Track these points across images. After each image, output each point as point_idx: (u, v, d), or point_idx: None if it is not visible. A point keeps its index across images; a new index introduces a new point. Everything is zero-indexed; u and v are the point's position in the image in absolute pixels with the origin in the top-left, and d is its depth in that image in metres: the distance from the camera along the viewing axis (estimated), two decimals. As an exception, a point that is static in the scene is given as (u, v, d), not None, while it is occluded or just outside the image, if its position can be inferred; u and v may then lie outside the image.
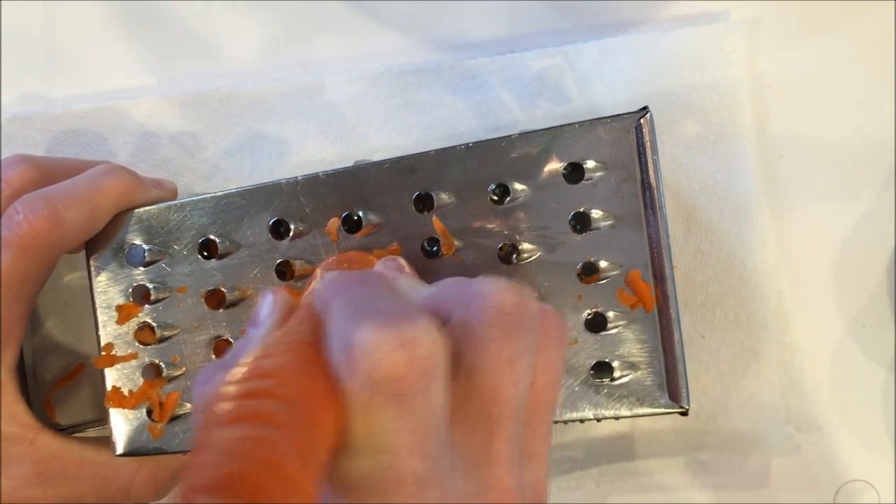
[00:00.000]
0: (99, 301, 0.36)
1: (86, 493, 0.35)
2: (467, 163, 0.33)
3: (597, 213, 0.32)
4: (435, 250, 0.33)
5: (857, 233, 0.41)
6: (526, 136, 0.32)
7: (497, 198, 0.33)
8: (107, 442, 0.36)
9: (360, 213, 0.34)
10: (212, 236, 0.35)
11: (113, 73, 0.44)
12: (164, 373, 0.35)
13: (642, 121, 0.31)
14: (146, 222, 0.36)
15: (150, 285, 0.36)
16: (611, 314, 0.32)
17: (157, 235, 0.36)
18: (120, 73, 0.44)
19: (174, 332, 0.36)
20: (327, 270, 0.31)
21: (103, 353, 0.36)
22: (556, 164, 0.32)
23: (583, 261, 0.32)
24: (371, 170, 0.34)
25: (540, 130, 0.32)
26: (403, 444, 0.21)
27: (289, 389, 0.20)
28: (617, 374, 0.32)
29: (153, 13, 0.44)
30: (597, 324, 0.32)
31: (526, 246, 0.33)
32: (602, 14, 0.42)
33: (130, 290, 0.36)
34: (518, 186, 0.32)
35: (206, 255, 0.35)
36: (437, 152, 0.33)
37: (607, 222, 0.32)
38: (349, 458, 0.21)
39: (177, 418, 0.35)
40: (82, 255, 0.36)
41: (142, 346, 0.36)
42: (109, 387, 0.36)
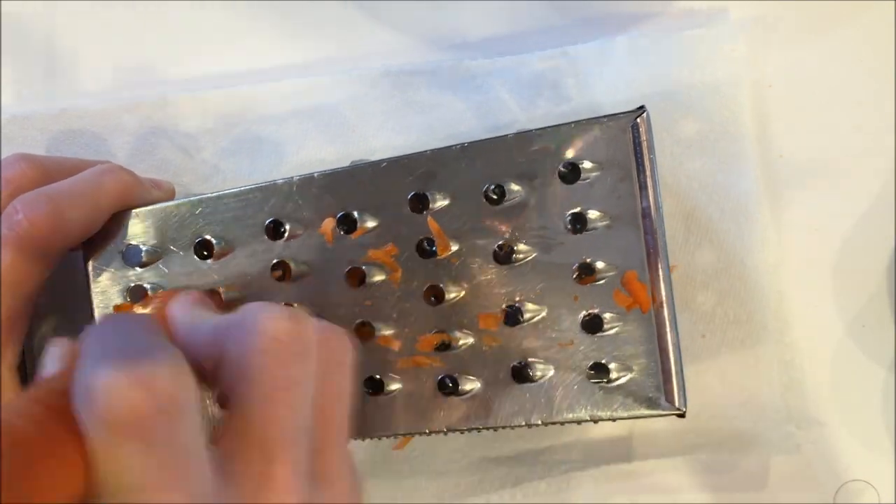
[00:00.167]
0: (97, 301, 0.36)
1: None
2: (463, 163, 0.33)
3: (593, 214, 0.32)
4: (431, 251, 0.33)
5: (857, 233, 0.40)
6: (522, 136, 0.32)
7: (493, 198, 0.33)
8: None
9: (356, 213, 0.34)
10: (209, 237, 0.35)
11: (112, 73, 0.44)
12: None
13: (639, 120, 0.31)
14: (144, 222, 0.36)
15: (148, 285, 0.36)
16: (607, 315, 0.32)
17: (155, 236, 0.36)
18: (119, 74, 0.44)
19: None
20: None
21: None
22: (552, 163, 0.32)
23: (579, 261, 0.32)
24: (367, 170, 0.34)
25: (536, 130, 0.32)
26: (152, 482, 0.20)
27: (20, 441, 0.20)
28: (613, 375, 0.32)
29: (153, 13, 0.44)
30: (593, 325, 0.32)
31: (522, 246, 0.32)
32: (602, 14, 0.42)
33: (128, 290, 0.36)
34: (514, 186, 0.32)
35: (203, 255, 0.35)
36: (433, 152, 0.33)
37: (604, 223, 0.32)
38: (100, 501, 0.20)
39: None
40: (81, 253, 0.36)
41: None
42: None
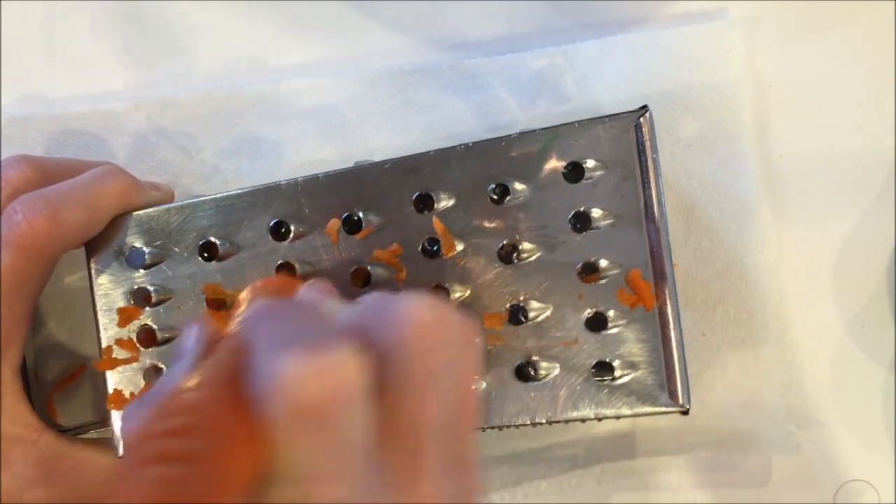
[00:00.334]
0: (100, 304, 0.36)
1: (89, 494, 0.35)
2: (467, 163, 0.33)
3: (597, 213, 0.32)
4: (435, 250, 0.33)
5: (857, 233, 0.41)
6: (526, 136, 0.32)
7: (497, 197, 0.33)
8: (109, 444, 0.36)
9: (360, 213, 0.34)
10: (212, 238, 0.35)
11: (112, 74, 0.44)
12: None
13: (642, 120, 0.31)
14: (146, 224, 0.36)
15: (151, 288, 0.36)
16: (611, 313, 0.32)
17: (158, 238, 0.36)
18: (119, 75, 0.44)
19: (175, 334, 0.36)
20: (252, 296, 0.31)
21: (104, 356, 0.36)
22: (555, 163, 0.32)
23: (583, 260, 0.32)
24: (371, 170, 0.34)
25: (540, 130, 0.32)
26: (325, 472, 0.20)
27: (207, 425, 0.20)
28: (617, 373, 0.32)
29: (152, 14, 0.44)
30: (597, 323, 0.32)
31: (526, 245, 0.33)
32: (601, 13, 0.42)
33: (131, 292, 0.36)
34: (518, 186, 0.32)
35: (206, 256, 0.35)
36: (437, 152, 0.33)
37: (607, 221, 0.32)
38: (272, 490, 0.21)
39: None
40: (83, 256, 0.36)
41: (143, 349, 0.36)
42: (111, 389, 0.36)
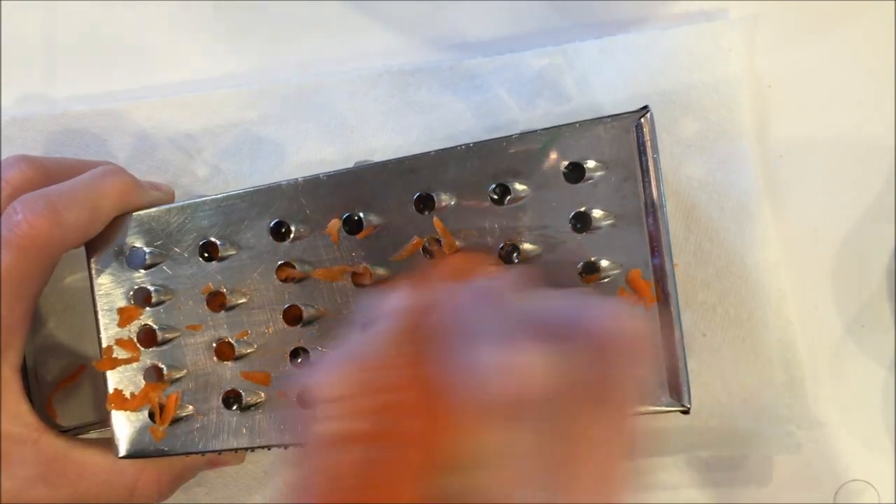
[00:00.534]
0: (100, 304, 0.36)
1: (89, 495, 0.35)
2: (468, 163, 0.33)
3: (597, 213, 0.32)
4: (437, 249, 0.33)
5: (857, 233, 0.41)
6: (526, 136, 0.32)
7: (497, 198, 0.33)
8: (109, 444, 0.36)
9: (361, 214, 0.34)
10: (212, 238, 0.35)
11: (112, 74, 0.44)
12: (165, 375, 0.35)
13: (642, 120, 0.31)
14: (146, 225, 0.36)
15: (152, 288, 0.36)
16: (612, 314, 0.32)
17: (158, 238, 0.36)
18: (119, 75, 0.44)
19: (175, 334, 0.36)
20: (446, 275, 0.32)
21: (105, 356, 0.36)
22: (556, 163, 0.32)
23: (584, 260, 0.32)
24: (371, 171, 0.34)
25: (540, 130, 0.32)
26: (505, 465, 0.21)
27: (406, 409, 0.21)
28: (618, 373, 0.32)
29: (153, 14, 0.44)
30: (598, 323, 0.32)
31: (527, 246, 0.33)
32: (601, 13, 0.42)
33: (132, 292, 0.36)
34: (518, 186, 0.32)
35: (206, 257, 0.35)
36: (438, 153, 0.33)
37: (608, 221, 0.32)
38: (449, 475, 0.22)
39: (178, 420, 0.35)
40: (83, 256, 0.36)
41: (143, 349, 0.36)
42: (111, 389, 0.36)
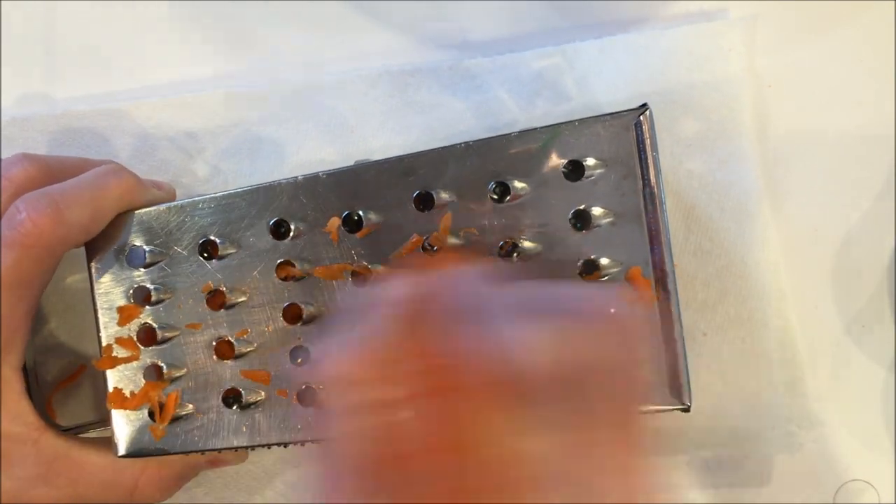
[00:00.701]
0: (100, 302, 0.36)
1: (89, 494, 0.35)
2: (467, 161, 0.33)
3: (597, 211, 0.32)
4: (436, 249, 0.33)
5: (857, 233, 0.41)
6: (526, 135, 0.32)
7: (497, 196, 0.33)
8: (109, 443, 0.36)
9: (361, 212, 0.34)
10: (212, 237, 0.35)
11: (112, 74, 0.44)
12: (165, 374, 0.35)
13: (642, 118, 0.31)
14: (147, 223, 0.36)
15: (151, 286, 0.36)
16: (612, 312, 0.32)
17: (158, 237, 0.36)
18: (119, 75, 0.44)
19: (175, 333, 0.36)
20: (435, 266, 0.33)
21: (104, 354, 0.36)
22: (556, 161, 0.32)
23: (584, 258, 0.32)
24: (371, 169, 0.34)
25: (540, 128, 0.32)
26: (530, 455, 0.23)
27: (430, 392, 0.24)
28: (618, 371, 0.32)
29: (152, 13, 0.44)
30: (598, 322, 0.32)
31: (526, 244, 0.33)
32: (601, 13, 0.42)
33: (131, 291, 0.36)
34: (518, 185, 0.32)
35: (206, 255, 0.35)
36: (437, 151, 0.33)
37: (608, 220, 0.32)
38: (470, 453, 0.23)
39: (178, 419, 0.35)
40: (83, 256, 0.36)
41: (143, 348, 0.36)
42: (111, 388, 0.36)
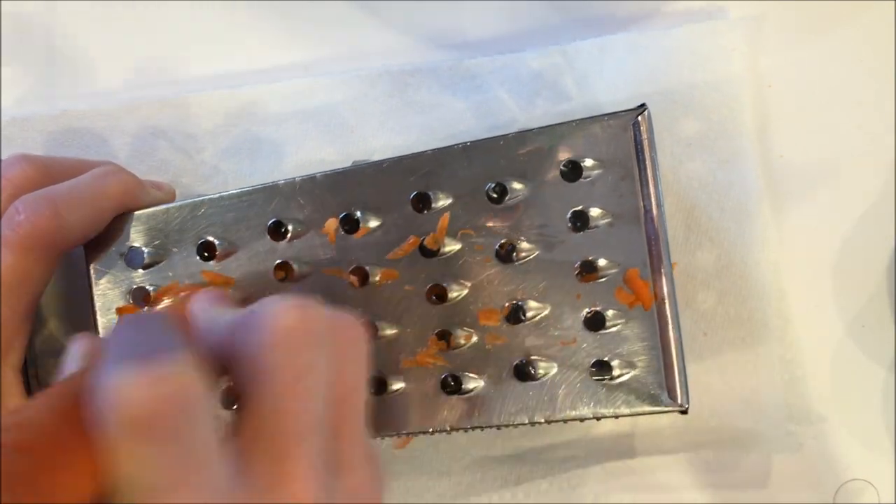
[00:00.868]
0: (98, 304, 0.36)
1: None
2: (465, 162, 0.33)
3: (595, 212, 0.32)
4: (434, 250, 0.33)
5: (857, 233, 0.40)
6: (523, 135, 0.32)
7: (495, 197, 0.33)
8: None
9: (359, 213, 0.34)
10: (211, 238, 0.35)
11: (112, 74, 0.44)
12: None
13: (640, 118, 0.31)
14: (146, 224, 0.36)
15: (150, 287, 0.36)
16: (609, 313, 0.32)
17: (157, 237, 0.36)
18: (119, 75, 0.44)
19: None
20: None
21: None
22: (554, 162, 0.32)
23: (581, 259, 0.32)
24: (369, 170, 0.34)
25: (537, 129, 0.32)
26: (167, 482, 0.20)
27: (39, 441, 0.20)
28: (616, 372, 0.32)
29: (152, 14, 0.44)
30: (595, 322, 0.32)
31: (524, 245, 0.33)
32: (601, 12, 0.42)
33: (130, 292, 0.36)
34: (516, 185, 0.32)
35: (205, 256, 0.35)
36: (435, 152, 0.33)
37: (605, 220, 0.32)
38: (117, 501, 0.21)
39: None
40: (83, 256, 0.36)
41: None
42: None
